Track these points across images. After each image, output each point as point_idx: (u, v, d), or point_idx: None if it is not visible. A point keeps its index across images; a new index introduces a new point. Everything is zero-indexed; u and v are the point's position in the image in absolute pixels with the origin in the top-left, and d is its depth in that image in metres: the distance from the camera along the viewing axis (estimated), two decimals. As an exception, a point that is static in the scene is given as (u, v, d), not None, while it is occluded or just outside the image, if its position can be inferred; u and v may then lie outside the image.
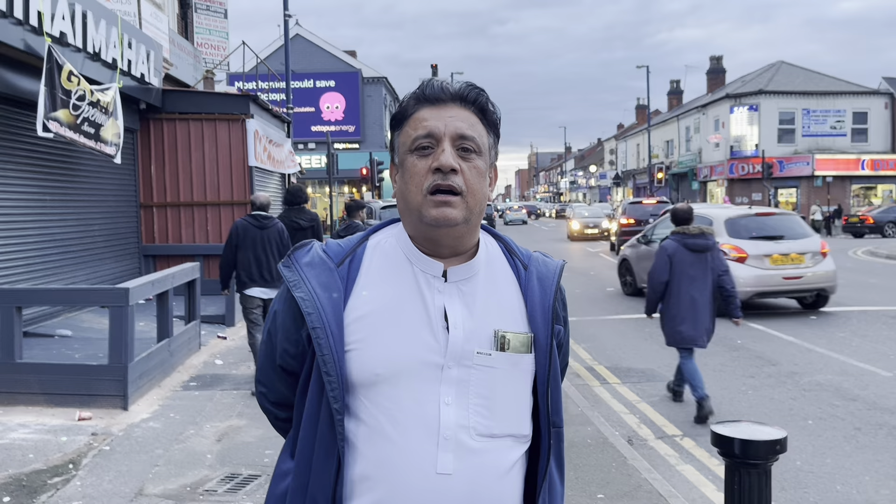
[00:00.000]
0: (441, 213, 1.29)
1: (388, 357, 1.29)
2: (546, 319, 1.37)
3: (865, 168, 36.65)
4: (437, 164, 1.29)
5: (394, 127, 1.40)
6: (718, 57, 47.78)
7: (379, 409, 1.29)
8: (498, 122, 1.41)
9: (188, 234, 11.67)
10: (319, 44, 36.61)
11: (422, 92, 1.37)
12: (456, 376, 1.30)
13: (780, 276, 10.52)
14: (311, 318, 1.31)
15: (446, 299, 1.33)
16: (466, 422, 1.29)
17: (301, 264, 1.38)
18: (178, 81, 13.91)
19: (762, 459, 2.15)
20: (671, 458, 5.09)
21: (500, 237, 1.48)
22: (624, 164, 60.41)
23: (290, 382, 1.44)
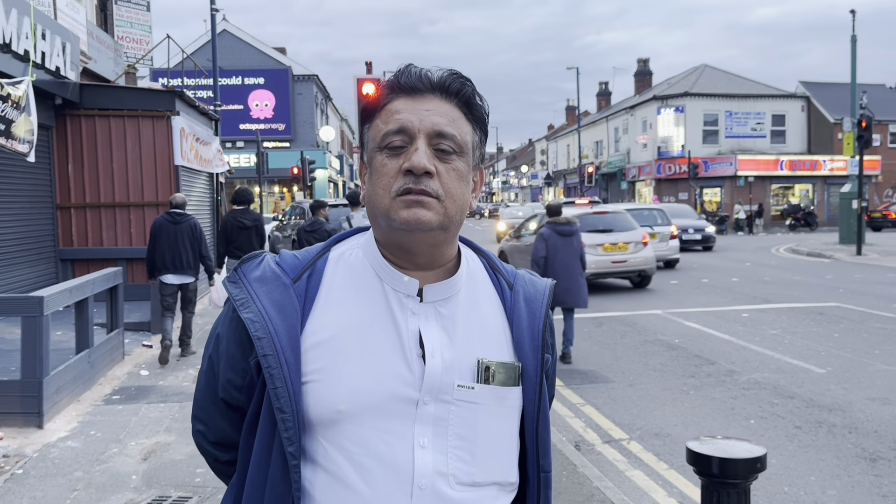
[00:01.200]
0: (413, 215, 1.08)
1: (353, 391, 1.08)
2: (535, 347, 1.19)
3: (784, 168, 38.11)
4: (409, 165, 1.09)
5: (364, 119, 1.19)
6: (645, 59, 48.95)
7: (341, 453, 1.09)
8: (486, 117, 1.20)
9: (110, 236, 11.08)
10: (247, 40, 35.70)
11: (396, 80, 1.15)
12: (433, 414, 1.10)
13: (609, 261, 13.37)
14: (262, 344, 1.09)
15: (422, 322, 1.13)
16: (445, 468, 1.09)
17: (250, 279, 1.16)
18: (98, 76, 13.24)
19: (741, 479, 2.03)
20: (620, 464, 5.00)
21: (482, 251, 1.28)
22: (555, 165, 61.24)
23: (235, 419, 1.21)
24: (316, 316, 1.13)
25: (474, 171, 1.19)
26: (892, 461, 4.89)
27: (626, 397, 6.61)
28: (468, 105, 1.17)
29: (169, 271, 7.88)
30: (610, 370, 7.61)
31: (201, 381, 1.25)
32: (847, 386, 6.72)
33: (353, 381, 1.09)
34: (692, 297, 12.58)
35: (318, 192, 33.65)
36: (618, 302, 12.25)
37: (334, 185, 41.21)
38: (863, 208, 19.89)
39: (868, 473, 4.70)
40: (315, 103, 36.64)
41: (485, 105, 1.19)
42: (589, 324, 10.25)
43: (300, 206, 20.38)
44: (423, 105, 1.13)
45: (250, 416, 1.16)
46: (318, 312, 1.13)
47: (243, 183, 34.31)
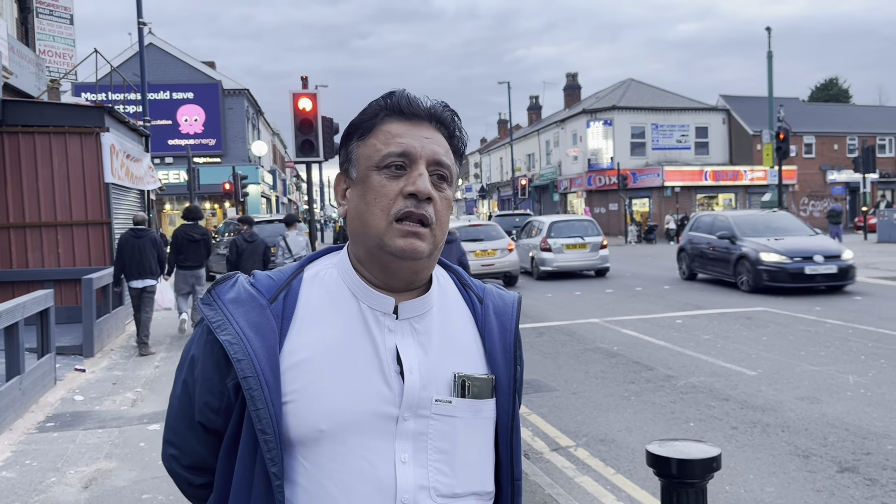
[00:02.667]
0: (409, 245, 1.12)
1: (334, 409, 1.10)
2: (508, 359, 1.23)
3: (708, 179, 39.55)
4: (414, 189, 1.12)
5: (351, 135, 1.21)
6: (574, 74, 50.11)
7: (323, 473, 1.10)
8: (464, 149, 1.27)
9: (35, 257, 10.67)
10: (175, 54, 34.97)
11: (395, 102, 1.19)
12: (413, 429, 1.13)
13: (480, 265, 15.95)
14: (242, 366, 1.09)
15: (398, 339, 1.16)
16: (426, 482, 1.12)
17: (225, 301, 1.16)
18: (19, 91, 12.77)
19: (699, 478, 2.12)
20: (569, 471, 5.10)
21: (451, 268, 1.32)
22: (489, 178, 61.92)
23: (211, 442, 1.21)
24: (293, 336, 1.14)
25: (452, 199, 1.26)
26: (823, 457, 5.14)
27: (570, 405, 6.75)
28: (451, 137, 1.22)
29: (135, 278, 9.49)
30: (553, 379, 7.75)
31: (174, 404, 1.24)
32: (777, 387, 7.03)
33: (333, 400, 1.10)
34: (627, 305, 12.92)
35: (252, 208, 33.13)
36: (557, 311, 12.47)
37: (267, 200, 40.63)
38: (783, 216, 20.79)
39: (802, 470, 4.93)
40: (246, 118, 36.12)
41: (464, 138, 1.26)
42: (530, 333, 10.40)
43: (233, 221, 20.03)
44: (422, 132, 1.17)
45: (228, 439, 1.16)
46: (296, 332, 1.14)
47: (173, 199, 33.51)
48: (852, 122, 45.37)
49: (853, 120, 45.69)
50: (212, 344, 1.15)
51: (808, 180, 42.69)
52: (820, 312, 11.26)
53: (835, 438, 5.52)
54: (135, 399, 7.07)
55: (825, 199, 42.87)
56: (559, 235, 17.92)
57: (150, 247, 9.54)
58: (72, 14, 16.93)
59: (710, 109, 42.29)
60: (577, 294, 14.97)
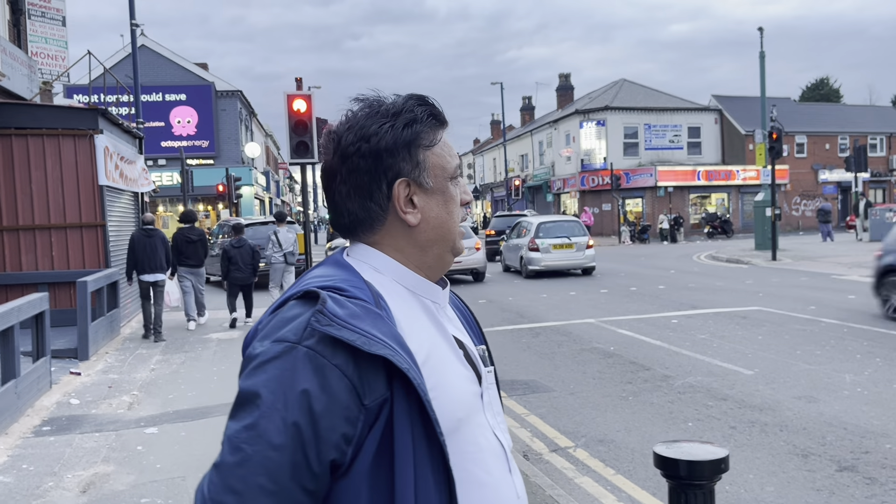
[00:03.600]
0: (462, 245, 1.33)
1: (460, 398, 1.20)
2: (478, 333, 1.41)
3: (701, 178, 39.66)
4: (469, 199, 1.30)
5: (413, 142, 1.20)
6: (567, 74, 50.17)
7: (465, 457, 1.19)
8: None
9: (29, 260, 10.62)
10: (167, 55, 34.84)
11: (441, 113, 1.28)
12: (486, 400, 1.27)
13: None
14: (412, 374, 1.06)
15: (447, 324, 1.28)
16: (506, 442, 1.30)
17: (344, 320, 1.06)
18: (11, 94, 12.68)
19: (707, 480, 2.12)
20: (568, 472, 5.10)
21: None
22: (482, 178, 61.93)
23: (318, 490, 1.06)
24: (407, 338, 1.12)
25: None
26: (821, 456, 5.16)
27: (568, 406, 6.75)
28: None
29: (147, 272, 10.54)
30: (550, 379, 7.75)
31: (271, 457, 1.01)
32: (774, 386, 7.05)
33: (458, 390, 1.20)
34: (623, 306, 12.94)
35: (245, 210, 33.06)
36: (552, 312, 12.48)
37: (261, 201, 40.54)
38: (776, 215, 20.90)
39: (801, 469, 4.94)
40: (239, 119, 36.03)
41: None
42: (526, 334, 10.41)
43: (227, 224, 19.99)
44: None
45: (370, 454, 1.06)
46: (406, 334, 1.13)
47: (166, 202, 33.39)
48: (843, 121, 45.61)
49: (844, 119, 45.92)
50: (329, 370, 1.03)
51: (800, 180, 42.88)
52: (815, 311, 11.31)
53: (833, 437, 5.54)
54: (131, 402, 7.04)
55: (817, 199, 43.07)
56: (547, 236, 18.64)
57: (159, 244, 10.67)
58: (64, 16, 16.85)
59: (702, 109, 42.42)
60: (571, 294, 14.98)
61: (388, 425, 1.07)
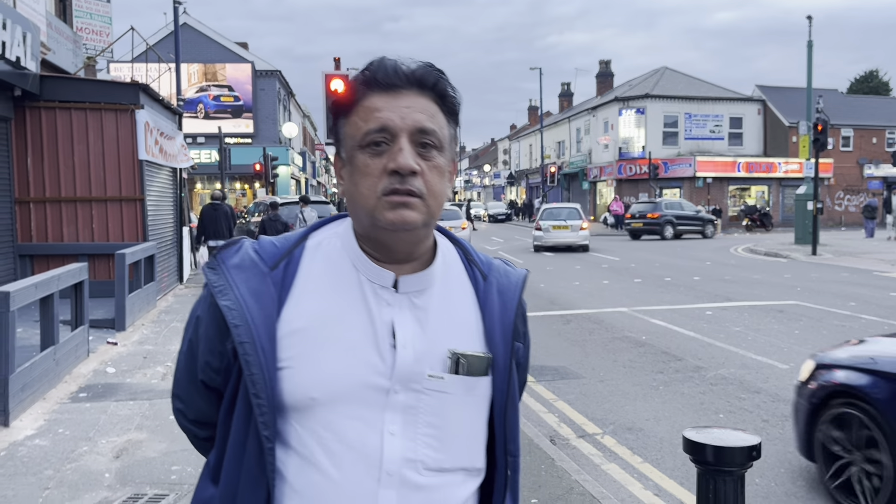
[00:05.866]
0: (399, 217, 1.11)
1: (326, 378, 1.11)
2: (506, 337, 1.22)
3: (741, 170, 38.93)
4: (395, 166, 1.10)
5: (337, 113, 1.19)
6: (607, 61, 49.54)
7: (313, 438, 1.12)
8: (459, 109, 1.21)
9: (71, 231, 10.84)
10: (209, 34, 35.16)
11: (372, 75, 1.15)
12: (403, 402, 1.13)
13: None
14: (239, 332, 1.11)
15: (396, 313, 1.16)
16: (414, 455, 1.13)
17: (228, 266, 1.17)
18: (57, 68, 12.92)
19: (737, 466, 2.08)
20: (595, 458, 5.07)
21: (458, 241, 1.30)
22: (517, 164, 61.61)
23: (213, 399, 1.24)
24: (292, 305, 1.15)
25: (450, 163, 1.20)
26: (856, 453, 5.04)
27: (597, 393, 6.70)
28: (442, 98, 1.18)
29: (211, 238, 14.08)
30: (580, 366, 7.70)
31: (181, 361, 1.27)
32: (810, 381, 6.90)
33: (326, 369, 1.11)
34: (656, 296, 12.79)
35: (282, 189, 33.33)
36: (584, 299, 12.39)
37: (297, 181, 40.87)
38: (818, 209, 20.44)
39: (834, 465, 4.84)
40: (278, 99, 36.28)
41: (457, 96, 1.21)
42: (557, 321, 10.35)
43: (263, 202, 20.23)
44: (402, 101, 1.13)
45: (228, 398, 1.19)
46: (294, 301, 1.15)
47: (204, 179, 33.83)
48: (892, 115, 44.30)
49: (893, 113, 44.61)
50: (214, 307, 1.17)
51: (845, 174, 41.82)
52: (855, 308, 11.05)
53: (868, 435, 5.41)
54: (164, 373, 7.16)
55: (861, 194, 41.97)
56: (549, 219, 23.06)
57: (223, 217, 14.19)
58: (109, -8, 17.07)
59: (745, 100, 41.57)
60: (605, 283, 14.86)
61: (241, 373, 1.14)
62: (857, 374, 4.06)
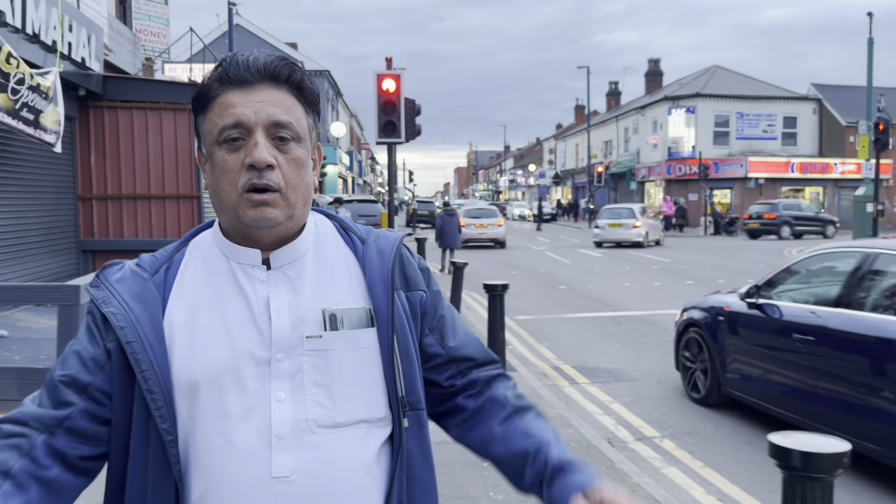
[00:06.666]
0: (259, 214, 1.14)
1: (207, 360, 1.15)
2: (386, 288, 1.23)
3: (795, 171, 38.01)
4: (251, 161, 1.13)
5: (196, 109, 1.21)
6: (656, 59, 48.86)
7: (205, 422, 1.15)
8: (317, 99, 1.24)
9: (130, 228, 11.12)
10: (259, 34, 35.78)
11: (224, 71, 1.17)
12: (288, 368, 1.16)
13: (479, 232, 24.52)
14: (125, 332, 1.15)
15: (271, 289, 1.19)
16: (304, 415, 1.15)
17: (111, 281, 1.21)
18: (117, 68, 13.27)
19: (825, 473, 2.03)
20: (655, 461, 5.01)
21: (332, 216, 1.34)
22: (563, 164, 61.17)
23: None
24: (173, 300, 1.20)
25: (313, 151, 1.23)
26: None
27: (653, 395, 6.62)
28: (299, 89, 1.20)
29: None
30: (635, 368, 7.62)
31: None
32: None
33: (205, 351, 1.15)
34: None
35: (329, 188, 33.73)
36: (635, 301, 12.24)
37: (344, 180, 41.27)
38: (878, 211, 19.85)
39: None
40: (326, 99, 36.69)
41: (315, 87, 1.23)
42: (607, 322, 10.25)
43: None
44: (256, 96, 1.15)
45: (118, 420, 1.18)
46: (175, 297, 1.20)
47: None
48: (956, 114, 42.75)
49: (957, 112, 43.03)
50: (91, 317, 1.20)
51: (904, 175, 40.49)
52: None
53: None
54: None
55: (922, 196, 40.61)
56: (606, 218, 25.42)
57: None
58: (166, -6, 17.47)
59: (800, 98, 40.54)
60: (656, 284, 14.65)
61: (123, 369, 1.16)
62: (697, 311, 6.56)
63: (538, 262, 19.63)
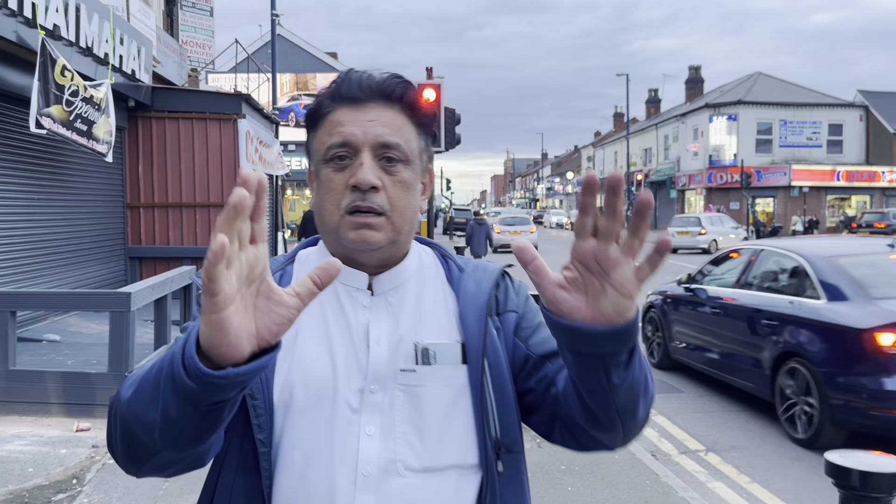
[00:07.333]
0: (360, 237, 1.10)
1: (305, 379, 1.11)
2: (479, 317, 1.16)
3: (841, 179, 37.23)
4: (355, 181, 1.09)
5: (308, 126, 1.19)
6: (697, 66, 48.28)
7: (292, 441, 1.09)
8: (431, 120, 1.20)
9: (176, 235, 11.35)
10: (300, 44, 36.22)
11: (337, 88, 1.15)
12: (380, 401, 1.10)
13: (511, 238, 24.46)
14: None
15: (373, 315, 1.15)
16: (394, 454, 1.08)
17: None
18: (164, 80, 13.58)
19: (884, 493, 2.00)
20: (700, 475, 4.95)
21: (434, 244, 1.30)
22: (602, 172, 60.78)
23: None
24: None
25: (424, 174, 1.19)
26: None
27: (697, 408, 6.54)
28: (412, 109, 1.16)
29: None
30: (677, 381, 7.53)
31: None
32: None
33: (306, 370, 1.11)
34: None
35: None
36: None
37: (382, 188, 41.46)
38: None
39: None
40: (365, 108, 36.98)
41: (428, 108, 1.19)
42: (650, 333, 10.14)
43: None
44: (366, 115, 1.12)
45: None
46: None
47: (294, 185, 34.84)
48: None
49: None
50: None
51: (956, 184, 39.35)
52: None
53: None
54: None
55: (974, 205, 39.41)
56: (674, 226, 27.40)
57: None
58: (212, 6, 17.87)
59: (846, 105, 39.70)
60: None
61: None
62: (654, 296, 8.51)
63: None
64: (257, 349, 0.86)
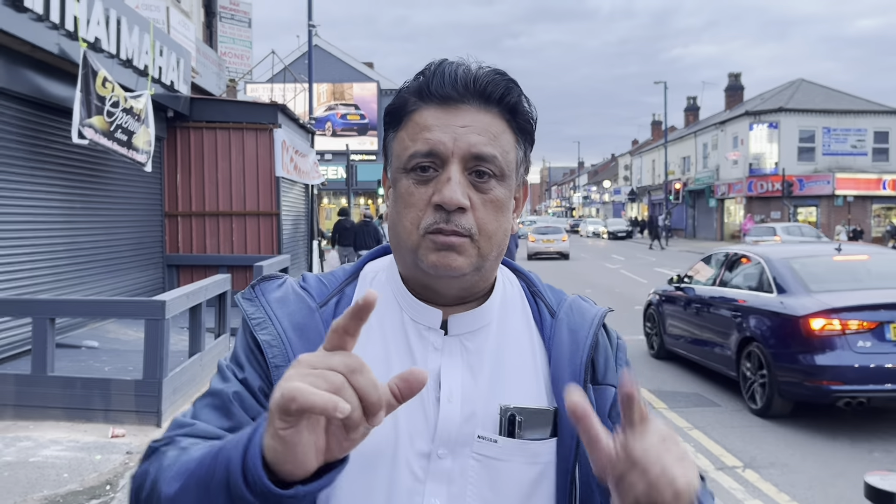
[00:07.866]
0: (442, 261, 0.93)
1: None
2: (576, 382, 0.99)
3: (887, 188, 36.31)
4: (439, 200, 0.92)
5: (387, 125, 1.01)
6: (737, 74, 47.62)
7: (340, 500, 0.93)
8: (533, 126, 1.01)
9: (212, 244, 11.51)
10: (336, 54, 36.62)
11: (426, 84, 0.96)
12: (449, 469, 0.94)
13: (546, 246, 28.46)
14: (280, 373, 0.91)
15: (445, 360, 0.97)
16: None
17: (269, 299, 1.01)
18: (202, 90, 13.79)
19: (929, 519, 1.91)
20: (737, 493, 4.82)
21: (523, 273, 1.12)
22: (639, 180, 60.18)
23: None
24: None
25: (518, 189, 1.03)
26: None
27: (735, 423, 6.38)
28: (513, 112, 0.98)
29: (360, 249, 14.68)
30: (714, 394, 7.37)
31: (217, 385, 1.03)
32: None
33: None
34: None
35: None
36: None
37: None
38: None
39: None
40: (401, 117, 37.19)
41: (532, 111, 1.00)
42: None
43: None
44: (459, 119, 0.94)
45: None
46: None
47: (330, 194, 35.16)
48: None
49: None
50: (247, 339, 1.00)
51: None
52: None
53: None
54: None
55: None
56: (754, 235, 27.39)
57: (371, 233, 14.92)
58: (250, 18, 18.15)
59: (892, 112, 38.71)
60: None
61: None
62: (653, 295, 9.59)
63: (612, 281, 19.31)
64: (323, 463, 0.74)
